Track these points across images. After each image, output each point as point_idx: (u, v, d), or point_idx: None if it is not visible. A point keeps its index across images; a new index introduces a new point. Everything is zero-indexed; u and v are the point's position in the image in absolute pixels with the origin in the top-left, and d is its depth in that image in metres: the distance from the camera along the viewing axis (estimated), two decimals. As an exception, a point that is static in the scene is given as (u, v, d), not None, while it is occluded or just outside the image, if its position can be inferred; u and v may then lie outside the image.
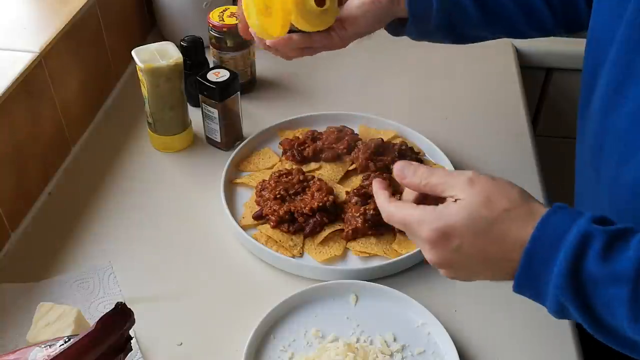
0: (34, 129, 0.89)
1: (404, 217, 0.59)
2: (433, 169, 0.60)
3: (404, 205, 0.60)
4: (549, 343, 0.75)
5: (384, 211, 0.62)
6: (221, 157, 0.97)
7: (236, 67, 1.07)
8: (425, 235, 0.57)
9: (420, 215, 0.58)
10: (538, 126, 1.37)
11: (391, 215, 0.61)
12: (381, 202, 0.62)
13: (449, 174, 0.59)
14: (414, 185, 0.60)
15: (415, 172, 0.60)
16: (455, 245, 0.56)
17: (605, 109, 0.70)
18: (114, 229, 0.88)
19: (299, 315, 0.77)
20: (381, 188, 0.63)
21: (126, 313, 0.60)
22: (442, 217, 0.56)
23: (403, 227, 0.60)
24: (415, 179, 0.60)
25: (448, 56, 1.23)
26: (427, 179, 0.59)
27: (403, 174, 0.61)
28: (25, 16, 0.98)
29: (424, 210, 0.58)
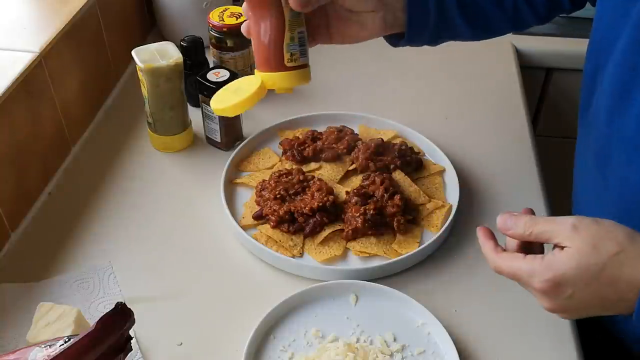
0: (34, 129, 0.89)
1: (513, 270, 0.61)
2: (535, 218, 0.61)
3: (512, 257, 0.61)
4: (549, 343, 0.75)
5: (491, 262, 0.63)
6: (221, 157, 0.97)
7: (236, 67, 1.07)
8: (538, 287, 0.59)
9: (530, 267, 0.59)
10: (538, 126, 1.37)
11: (499, 267, 0.62)
12: (487, 253, 0.64)
13: (552, 222, 0.60)
14: (518, 236, 0.61)
15: (517, 223, 0.61)
16: (568, 293, 0.58)
17: (611, 111, 0.70)
18: (114, 229, 0.88)
19: (299, 315, 0.77)
20: (486, 238, 0.65)
21: (126, 313, 0.60)
22: (551, 268, 0.58)
23: (513, 278, 0.61)
24: (519, 229, 0.61)
25: (448, 56, 1.23)
26: (531, 229, 0.60)
27: (506, 225, 0.62)
28: (25, 16, 0.98)
29: (533, 262, 0.59)
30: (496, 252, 0.63)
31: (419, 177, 0.94)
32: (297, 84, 0.73)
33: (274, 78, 0.71)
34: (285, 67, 0.70)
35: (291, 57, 0.70)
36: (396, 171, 0.92)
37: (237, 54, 1.07)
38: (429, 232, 0.87)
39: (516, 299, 0.80)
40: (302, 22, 0.70)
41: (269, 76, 0.71)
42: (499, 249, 0.63)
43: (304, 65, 0.72)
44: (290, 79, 0.71)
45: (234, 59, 1.07)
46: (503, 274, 0.62)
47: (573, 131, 1.38)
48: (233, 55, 1.07)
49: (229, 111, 0.73)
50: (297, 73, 0.71)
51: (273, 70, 0.71)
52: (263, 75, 0.72)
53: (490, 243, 0.64)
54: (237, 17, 1.05)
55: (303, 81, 0.72)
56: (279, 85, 0.72)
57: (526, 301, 0.80)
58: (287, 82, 0.72)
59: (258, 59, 0.71)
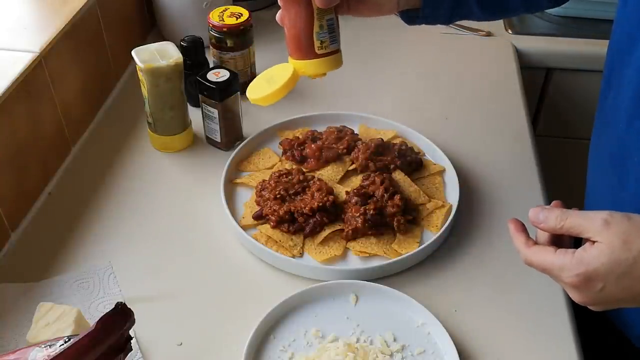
0: (34, 129, 0.89)
1: (544, 263, 0.62)
2: (567, 211, 0.62)
3: (543, 252, 0.62)
4: (549, 343, 0.75)
5: (523, 255, 0.64)
6: (221, 157, 0.97)
7: (236, 67, 1.07)
8: (569, 281, 0.60)
9: (561, 262, 0.60)
10: (538, 126, 1.37)
11: (530, 261, 0.63)
12: (519, 246, 0.65)
13: (584, 216, 0.60)
14: (549, 229, 0.62)
15: (549, 216, 0.62)
16: (599, 287, 0.58)
17: (631, 112, 0.70)
18: (114, 229, 0.88)
19: (299, 315, 0.77)
20: (517, 230, 0.66)
21: (126, 313, 0.60)
22: (582, 262, 0.58)
23: (544, 271, 0.62)
24: (550, 222, 0.62)
25: (448, 56, 1.23)
26: (562, 223, 0.61)
27: (537, 218, 0.63)
28: (26, 16, 0.98)
29: (564, 256, 0.60)
30: (527, 246, 0.64)
31: (419, 177, 0.94)
32: (329, 70, 0.76)
33: (306, 65, 0.74)
34: (316, 55, 0.73)
35: (321, 45, 0.73)
36: (396, 171, 0.92)
37: (237, 54, 1.07)
38: (429, 232, 0.87)
39: (516, 299, 0.80)
40: (331, 10, 0.73)
41: (301, 64, 0.74)
42: (530, 242, 0.64)
43: (334, 51, 0.75)
44: (321, 66, 0.74)
45: (234, 59, 1.07)
46: (533, 267, 0.63)
47: (573, 131, 1.39)
48: (233, 55, 1.07)
49: (263, 100, 0.76)
50: (327, 60, 0.74)
51: (304, 58, 0.74)
52: (295, 62, 0.74)
53: (522, 236, 0.65)
54: (237, 17, 1.05)
55: (334, 66, 0.76)
56: (310, 73, 0.75)
57: (526, 301, 0.80)
58: (318, 68, 0.74)
59: (290, 47, 0.74)
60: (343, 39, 0.76)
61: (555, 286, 0.80)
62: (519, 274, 0.83)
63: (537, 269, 0.63)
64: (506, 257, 0.85)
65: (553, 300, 0.79)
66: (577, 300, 0.61)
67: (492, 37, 1.27)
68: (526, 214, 0.90)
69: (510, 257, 0.85)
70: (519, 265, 0.83)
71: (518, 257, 0.84)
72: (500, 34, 1.28)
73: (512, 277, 0.82)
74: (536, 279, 0.82)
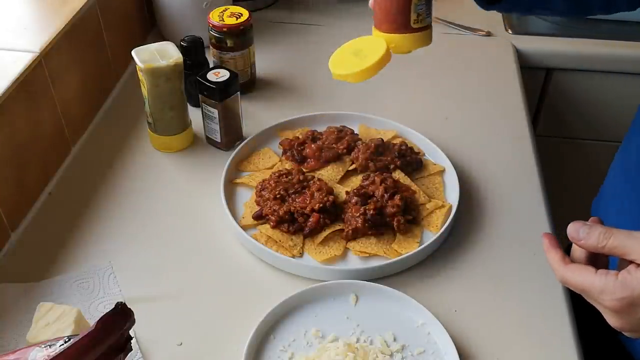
0: (34, 129, 0.89)
1: (583, 284, 0.58)
2: (610, 229, 0.58)
3: (583, 271, 0.58)
4: (548, 343, 0.75)
5: (558, 274, 0.60)
6: (221, 157, 0.97)
7: (236, 67, 1.07)
8: (609, 305, 0.56)
9: (603, 284, 0.56)
10: (538, 126, 1.37)
11: (567, 279, 0.59)
12: (554, 264, 0.61)
13: (628, 236, 0.56)
14: (590, 247, 0.58)
15: (591, 234, 0.58)
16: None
17: None
18: (114, 229, 0.88)
19: (299, 315, 0.77)
20: (552, 246, 0.61)
21: (126, 313, 0.60)
22: (626, 286, 0.55)
23: (581, 292, 0.59)
24: (592, 240, 0.58)
25: (448, 56, 1.23)
26: (605, 242, 0.57)
27: (578, 235, 0.59)
28: (26, 16, 0.98)
29: (606, 277, 0.56)
30: (564, 263, 0.60)
31: (419, 177, 0.94)
32: (421, 46, 0.69)
33: (398, 40, 0.67)
34: (411, 29, 0.67)
35: (418, 18, 0.67)
36: (396, 171, 0.92)
37: (237, 54, 1.07)
38: (429, 232, 0.87)
39: (516, 299, 0.80)
40: None
41: (393, 37, 0.67)
42: (566, 259, 0.60)
43: (428, 26, 0.69)
44: (415, 41, 0.68)
45: (234, 59, 1.07)
46: (569, 286, 0.60)
47: (573, 131, 1.39)
48: (233, 55, 1.07)
49: (355, 77, 0.69)
50: (422, 35, 0.68)
51: (398, 32, 0.67)
52: (387, 37, 0.68)
53: (558, 253, 0.61)
54: (237, 17, 1.05)
55: (426, 43, 0.70)
56: (403, 49, 0.68)
57: (526, 301, 0.80)
58: (411, 44, 0.68)
59: (381, 17, 0.67)
60: (343, 38, 0.75)
61: (556, 286, 0.80)
62: (519, 274, 0.83)
63: (573, 289, 0.59)
64: (506, 257, 0.85)
65: (553, 300, 0.79)
66: (614, 324, 0.58)
67: (492, 37, 1.27)
68: (526, 214, 0.91)
69: (510, 257, 0.85)
70: (519, 265, 0.84)
71: (518, 257, 0.85)
72: (500, 34, 1.28)
73: (512, 277, 0.82)
74: (536, 279, 0.82)
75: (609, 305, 0.56)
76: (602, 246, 0.57)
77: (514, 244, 0.86)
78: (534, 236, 0.87)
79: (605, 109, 1.33)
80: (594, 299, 0.58)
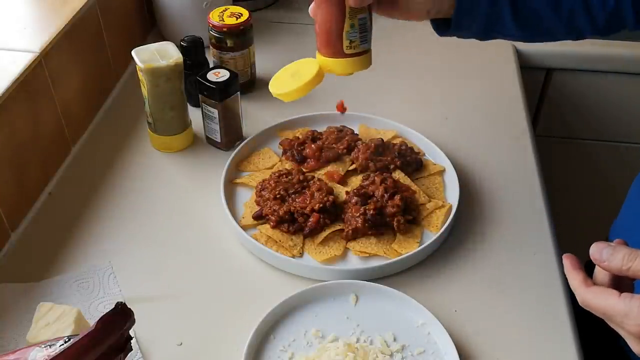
0: (34, 129, 0.89)
1: (606, 307, 0.55)
2: (636, 251, 0.55)
3: (606, 294, 0.56)
4: (549, 343, 0.75)
5: (580, 296, 0.58)
6: (221, 157, 0.97)
7: (236, 67, 1.07)
8: (633, 330, 0.54)
9: (627, 308, 0.54)
10: (538, 126, 1.37)
11: (589, 303, 0.57)
12: (576, 286, 0.58)
13: None
14: (614, 269, 0.56)
15: (615, 255, 0.55)
16: None
17: None
18: (114, 229, 0.88)
19: (299, 315, 0.77)
20: (574, 268, 0.59)
21: (126, 313, 0.60)
22: None
23: (603, 316, 0.57)
24: (616, 262, 0.55)
25: (448, 56, 1.23)
26: (630, 264, 0.55)
27: (601, 257, 0.56)
28: (25, 16, 0.98)
29: (631, 301, 0.54)
30: (586, 286, 0.57)
31: (419, 177, 0.94)
32: (355, 70, 0.73)
33: (332, 64, 0.72)
34: (344, 54, 0.71)
35: (350, 45, 0.70)
36: (396, 171, 0.92)
37: (237, 54, 1.07)
38: (429, 232, 0.87)
39: (516, 298, 0.80)
40: (365, 9, 0.70)
41: (327, 61, 0.72)
42: (589, 281, 0.58)
43: (363, 52, 0.72)
44: (347, 66, 0.72)
45: (234, 59, 1.07)
46: (591, 309, 0.57)
47: (573, 131, 1.39)
48: (233, 55, 1.07)
49: (286, 96, 0.74)
50: (355, 60, 0.72)
51: (331, 56, 0.71)
52: (321, 60, 0.72)
53: (580, 275, 0.58)
54: (237, 17, 1.05)
55: (361, 67, 0.73)
56: (337, 72, 0.73)
57: (526, 301, 0.80)
58: (344, 68, 0.72)
59: (319, 42, 0.71)
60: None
61: (556, 286, 0.80)
62: (519, 274, 0.83)
63: (596, 313, 0.57)
64: (506, 257, 0.85)
65: (553, 301, 0.79)
66: (637, 352, 0.55)
67: (492, 37, 1.27)
68: (526, 214, 0.91)
69: (510, 257, 0.85)
70: (519, 266, 0.84)
71: (518, 257, 0.85)
72: (500, 34, 1.28)
73: (512, 277, 0.82)
74: (536, 279, 0.82)
75: (633, 330, 0.54)
76: (627, 268, 0.55)
77: (514, 244, 0.86)
78: (534, 236, 0.87)
79: (605, 109, 1.33)
80: (617, 324, 0.56)
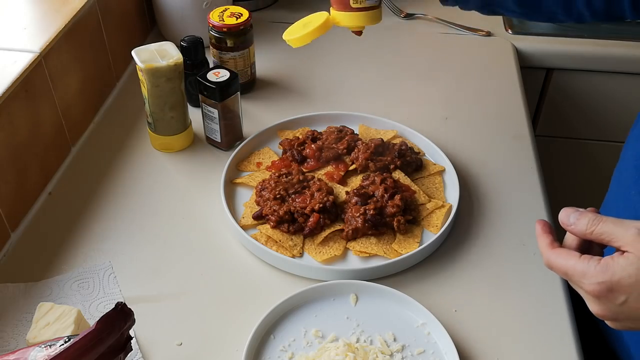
0: (34, 129, 0.89)
1: (566, 267, 0.58)
2: (600, 216, 0.58)
3: (567, 255, 0.58)
4: (549, 343, 0.75)
5: (545, 257, 0.61)
6: (221, 157, 0.97)
7: (236, 67, 1.07)
8: (589, 289, 0.56)
9: (584, 268, 0.56)
10: (538, 126, 1.37)
11: (552, 263, 0.60)
12: (542, 247, 0.61)
13: (617, 224, 0.56)
14: (578, 233, 0.59)
15: (580, 219, 0.58)
16: (620, 300, 0.55)
17: None
18: (114, 229, 0.88)
19: (299, 315, 0.77)
20: (544, 232, 0.62)
21: (126, 313, 0.60)
22: (607, 271, 0.55)
23: (564, 276, 0.59)
24: (581, 226, 0.58)
25: (448, 56, 1.23)
26: (593, 228, 0.57)
27: (568, 220, 0.59)
28: (25, 16, 0.98)
29: (589, 262, 0.56)
30: (551, 247, 0.60)
31: (419, 177, 0.94)
32: (364, 24, 0.78)
33: (340, 17, 0.78)
34: (351, 8, 0.76)
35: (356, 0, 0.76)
36: (396, 171, 0.92)
37: (237, 54, 1.07)
38: (429, 232, 0.87)
39: (516, 299, 0.80)
40: None
41: (336, 14, 0.78)
42: (555, 244, 0.60)
43: (371, 7, 0.77)
44: (354, 19, 0.77)
45: (234, 59, 1.07)
46: (554, 270, 0.60)
47: (573, 131, 1.39)
48: (233, 55, 1.07)
49: (295, 41, 0.79)
50: (361, 14, 0.77)
51: (340, 10, 0.78)
52: (332, 13, 0.78)
53: (547, 237, 0.61)
54: (237, 17, 1.05)
55: (369, 22, 0.78)
56: (345, 24, 0.78)
57: (526, 301, 0.80)
58: (350, 21, 0.77)
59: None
60: (343, 38, 0.76)
61: (556, 286, 0.80)
62: (519, 273, 0.83)
63: (557, 273, 0.60)
64: (506, 257, 0.85)
65: (553, 300, 0.79)
66: (594, 312, 0.58)
67: (492, 37, 1.27)
68: (526, 214, 0.91)
69: (510, 257, 0.85)
70: (519, 265, 0.84)
71: (518, 257, 0.85)
72: (500, 34, 1.28)
73: (512, 277, 0.82)
74: (536, 279, 0.82)
75: (589, 289, 0.56)
76: (590, 232, 0.57)
77: (514, 244, 0.86)
78: (534, 236, 0.86)
79: (605, 109, 1.33)
80: (576, 283, 0.58)
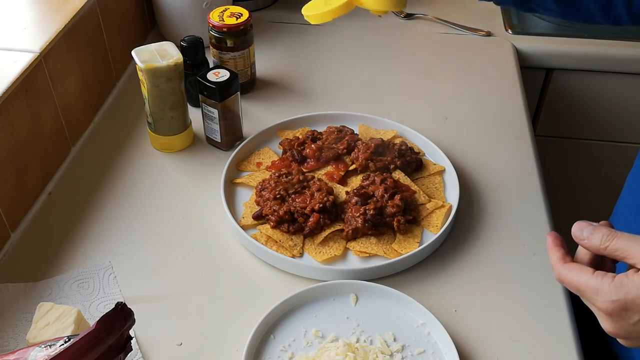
0: (34, 129, 0.89)
1: (579, 283, 0.56)
2: (615, 232, 0.56)
3: (580, 270, 0.57)
4: (549, 343, 0.75)
5: (556, 271, 0.59)
6: (221, 157, 0.97)
7: (236, 67, 1.07)
8: (602, 307, 0.55)
9: (598, 285, 0.55)
10: (538, 126, 1.37)
11: (563, 278, 0.58)
12: (554, 262, 0.60)
13: (632, 240, 0.55)
14: (592, 247, 0.57)
15: (594, 234, 0.57)
16: (635, 319, 0.54)
17: None
18: (114, 229, 0.88)
19: (299, 315, 0.77)
20: (555, 245, 0.60)
21: (126, 313, 0.60)
22: (621, 289, 0.54)
23: (576, 291, 0.58)
24: (594, 241, 0.56)
25: (448, 56, 1.23)
26: (607, 243, 0.56)
27: (582, 234, 0.58)
28: (25, 16, 0.98)
29: (602, 278, 0.55)
30: (563, 262, 0.59)
31: (419, 177, 0.94)
32: (384, 8, 0.77)
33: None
34: None
35: None
36: (396, 171, 0.92)
37: (237, 54, 1.07)
38: (429, 232, 0.87)
39: (516, 299, 0.80)
40: None
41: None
42: (567, 258, 0.59)
43: None
44: (380, 3, 0.76)
45: (234, 59, 1.07)
46: (565, 285, 0.59)
47: (573, 131, 1.39)
48: (233, 55, 1.07)
49: (314, 18, 0.78)
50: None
51: None
52: None
53: (559, 251, 0.59)
54: (237, 17, 1.05)
55: (391, 6, 0.77)
56: (369, 6, 0.77)
57: (526, 301, 0.80)
58: (377, 4, 0.76)
59: None
60: (343, 38, 0.76)
61: (556, 286, 0.80)
62: (519, 274, 0.83)
63: (569, 288, 0.58)
64: (506, 257, 0.85)
65: (553, 301, 0.79)
66: (607, 329, 0.56)
67: (492, 37, 1.27)
68: (526, 214, 0.91)
69: (510, 257, 0.85)
70: (519, 265, 0.84)
71: (518, 257, 0.85)
72: (500, 34, 1.28)
73: (512, 277, 0.82)
74: (536, 279, 0.82)
75: (603, 307, 0.55)
76: (604, 248, 0.56)
77: (514, 244, 0.86)
78: (534, 236, 0.87)
79: (605, 109, 1.33)
80: (589, 300, 0.57)
